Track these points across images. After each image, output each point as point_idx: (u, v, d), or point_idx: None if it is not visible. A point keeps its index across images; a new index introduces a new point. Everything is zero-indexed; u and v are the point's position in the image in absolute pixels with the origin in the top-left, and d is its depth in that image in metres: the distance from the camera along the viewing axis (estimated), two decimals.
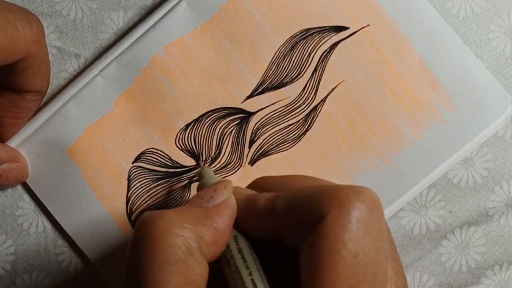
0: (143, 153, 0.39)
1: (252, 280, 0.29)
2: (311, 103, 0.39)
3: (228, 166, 0.39)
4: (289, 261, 0.29)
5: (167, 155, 0.39)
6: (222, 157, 0.39)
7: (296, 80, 0.39)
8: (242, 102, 0.39)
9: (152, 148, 0.39)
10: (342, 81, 0.39)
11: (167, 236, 0.28)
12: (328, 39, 0.39)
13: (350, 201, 0.26)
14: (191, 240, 0.28)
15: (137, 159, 0.39)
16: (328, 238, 0.26)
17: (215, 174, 0.39)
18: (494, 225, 0.41)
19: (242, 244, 0.31)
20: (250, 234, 0.31)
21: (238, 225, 0.31)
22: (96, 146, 0.38)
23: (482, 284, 0.41)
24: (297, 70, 0.39)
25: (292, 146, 0.39)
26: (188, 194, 0.39)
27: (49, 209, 0.38)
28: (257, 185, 0.34)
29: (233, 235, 0.31)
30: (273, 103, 0.39)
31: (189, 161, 0.39)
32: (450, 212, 0.40)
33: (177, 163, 0.39)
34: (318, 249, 0.26)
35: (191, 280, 0.28)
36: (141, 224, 0.29)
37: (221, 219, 0.30)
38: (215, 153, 0.39)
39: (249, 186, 0.34)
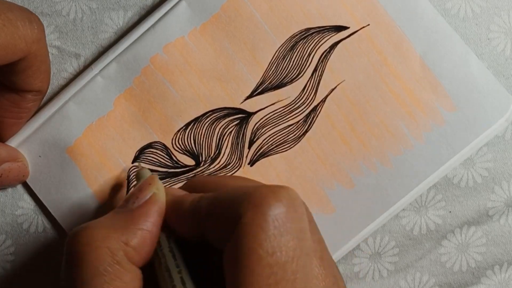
0: (143, 152, 0.39)
1: (181, 278, 0.29)
2: (311, 104, 0.39)
3: (228, 167, 0.39)
4: (218, 263, 0.29)
5: (167, 155, 0.39)
6: (222, 157, 0.39)
7: (296, 80, 0.39)
8: (242, 102, 0.39)
9: (152, 147, 0.39)
10: (342, 81, 0.39)
11: (90, 250, 0.28)
12: (328, 39, 0.38)
13: (266, 200, 0.26)
14: (115, 250, 0.28)
15: (137, 158, 0.39)
16: (245, 239, 0.26)
17: (215, 174, 0.39)
18: (494, 225, 0.41)
19: (173, 243, 0.31)
20: (180, 235, 0.31)
21: (169, 225, 0.31)
22: (96, 146, 0.38)
23: (482, 284, 0.41)
24: (297, 70, 0.39)
25: (292, 147, 0.39)
26: None
27: (49, 209, 0.38)
28: (190, 186, 0.34)
29: (165, 234, 0.31)
30: (273, 103, 0.39)
31: (189, 161, 0.39)
32: (450, 212, 0.40)
33: (176, 163, 0.39)
34: (237, 250, 0.26)
35: None
36: (67, 243, 0.29)
37: (146, 219, 0.30)
38: (214, 153, 0.39)
39: (182, 187, 0.34)
